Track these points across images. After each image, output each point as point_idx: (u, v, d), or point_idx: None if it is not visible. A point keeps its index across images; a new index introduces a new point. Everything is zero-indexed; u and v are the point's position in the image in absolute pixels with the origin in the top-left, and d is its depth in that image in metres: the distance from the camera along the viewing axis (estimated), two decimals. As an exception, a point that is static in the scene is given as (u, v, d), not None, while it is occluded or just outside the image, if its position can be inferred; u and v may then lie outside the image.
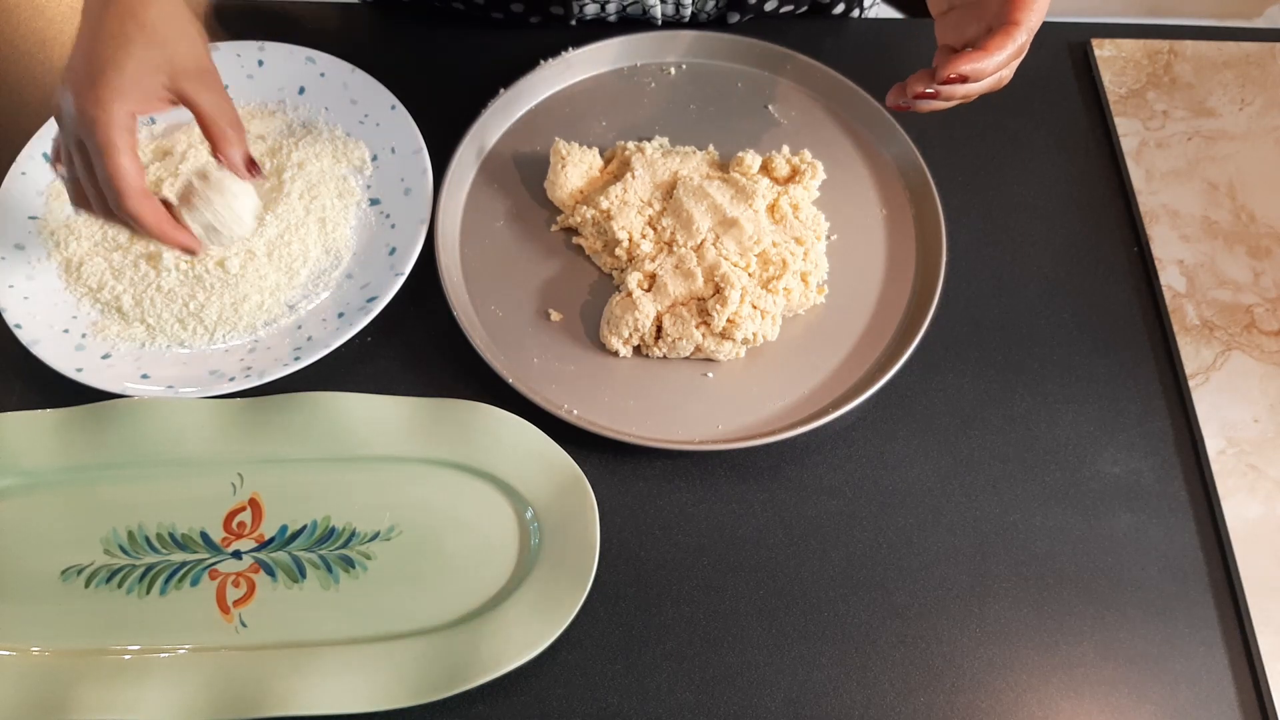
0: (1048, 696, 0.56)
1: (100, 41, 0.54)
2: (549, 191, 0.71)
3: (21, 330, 0.62)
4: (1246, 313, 0.68)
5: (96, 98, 0.52)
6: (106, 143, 0.53)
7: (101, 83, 0.53)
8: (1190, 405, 0.64)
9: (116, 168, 0.53)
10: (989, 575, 0.59)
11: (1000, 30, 0.53)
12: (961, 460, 0.63)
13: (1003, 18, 0.53)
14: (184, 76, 0.56)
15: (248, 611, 0.56)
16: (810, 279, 0.67)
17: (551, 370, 0.64)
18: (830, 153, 0.73)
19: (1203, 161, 0.75)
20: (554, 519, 0.58)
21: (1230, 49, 0.80)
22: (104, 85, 0.53)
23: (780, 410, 0.63)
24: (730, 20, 0.80)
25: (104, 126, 0.52)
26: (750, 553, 0.60)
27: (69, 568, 0.57)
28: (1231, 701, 0.56)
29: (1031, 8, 0.53)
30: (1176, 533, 0.61)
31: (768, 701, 0.55)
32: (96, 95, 0.52)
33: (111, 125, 0.53)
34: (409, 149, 0.71)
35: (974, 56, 0.53)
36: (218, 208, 0.57)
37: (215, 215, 0.58)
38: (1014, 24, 0.53)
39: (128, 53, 0.53)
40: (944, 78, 0.54)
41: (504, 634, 0.55)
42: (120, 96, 0.53)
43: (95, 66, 0.53)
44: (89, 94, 0.53)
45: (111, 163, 0.53)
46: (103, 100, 0.52)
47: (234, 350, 0.64)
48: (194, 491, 0.59)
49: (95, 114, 0.52)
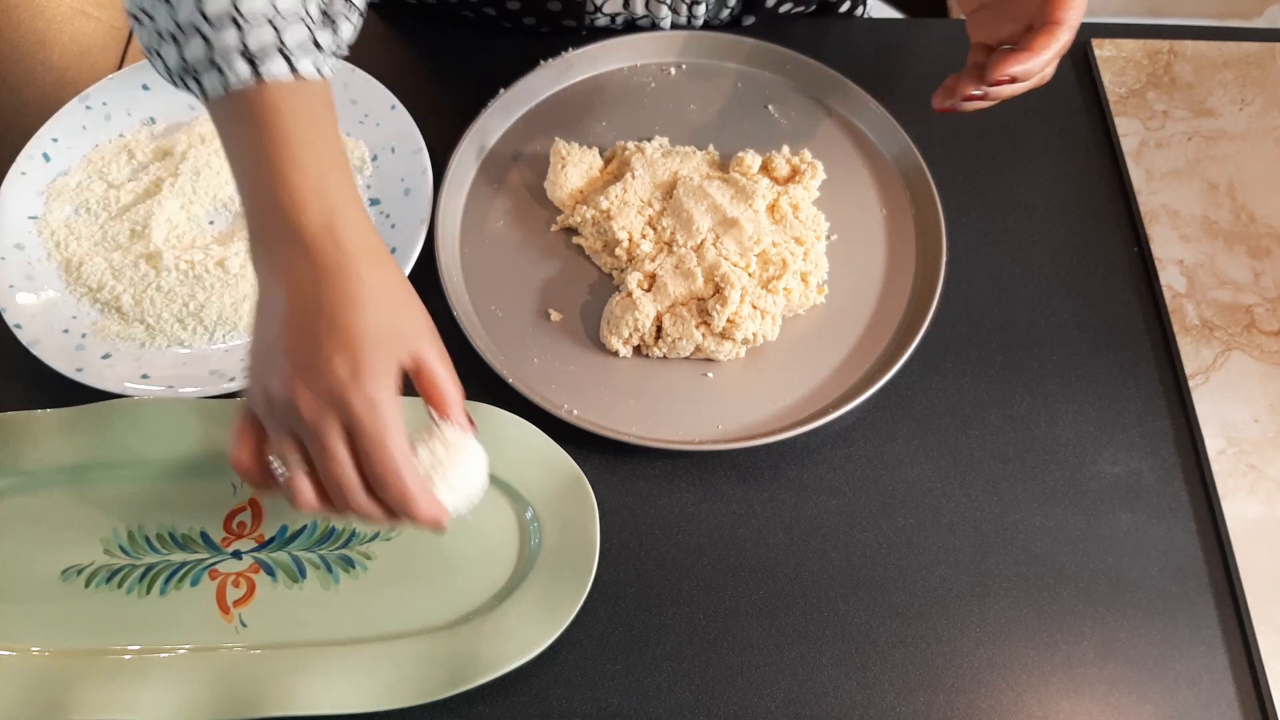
0: (1048, 696, 0.56)
1: (323, 315, 0.45)
2: (549, 191, 0.71)
3: (21, 330, 0.62)
4: (1246, 313, 0.68)
5: (356, 385, 0.45)
6: (382, 430, 0.45)
7: (357, 366, 0.45)
8: (1190, 405, 0.64)
9: (397, 457, 0.46)
10: (989, 575, 0.59)
11: (1043, 30, 0.53)
12: (961, 460, 0.63)
13: (1044, 16, 0.53)
14: (420, 339, 0.49)
15: (248, 611, 0.56)
16: (810, 279, 0.67)
17: (551, 370, 0.64)
18: (830, 153, 0.73)
19: (1203, 161, 0.75)
20: (554, 519, 0.58)
21: (1230, 49, 0.80)
22: (362, 368, 0.45)
23: (780, 410, 0.63)
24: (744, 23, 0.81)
25: (376, 414, 0.45)
26: (750, 553, 0.60)
27: (69, 568, 0.57)
28: (1231, 701, 0.56)
29: (1073, 5, 0.53)
30: (1176, 533, 0.61)
31: (768, 701, 0.55)
32: (357, 382, 0.45)
33: (384, 411, 0.45)
34: (409, 149, 0.71)
35: (1022, 57, 0.53)
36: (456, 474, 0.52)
37: (456, 480, 0.52)
38: (1057, 23, 0.53)
39: (365, 322, 0.46)
40: (994, 79, 0.54)
41: (504, 634, 0.55)
42: (381, 381, 0.45)
43: (332, 345, 0.45)
44: (331, 379, 0.45)
45: (390, 453, 0.46)
46: (363, 386, 0.45)
47: (234, 350, 0.64)
48: (194, 491, 0.59)
49: (354, 402, 0.45)
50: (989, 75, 0.54)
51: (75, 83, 0.76)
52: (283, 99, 0.47)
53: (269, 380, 0.46)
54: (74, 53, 0.80)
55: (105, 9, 0.83)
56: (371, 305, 0.46)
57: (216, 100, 0.47)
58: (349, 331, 0.45)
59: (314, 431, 0.45)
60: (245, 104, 0.47)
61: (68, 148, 0.71)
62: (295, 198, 0.46)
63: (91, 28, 0.82)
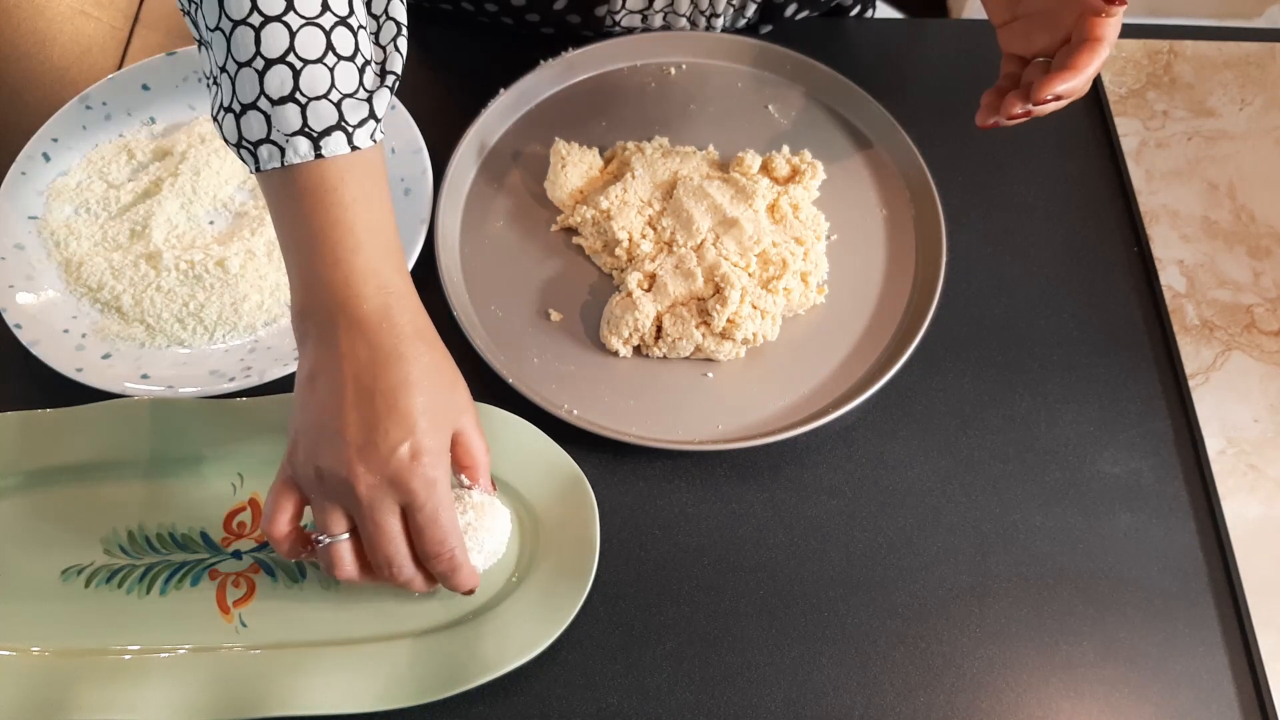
0: (1048, 696, 0.56)
1: (380, 397, 0.47)
2: (549, 191, 0.71)
3: (21, 330, 0.62)
4: (1246, 313, 0.68)
5: (416, 466, 0.46)
6: (438, 508, 0.48)
7: (417, 449, 0.47)
8: (1190, 405, 0.64)
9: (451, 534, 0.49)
10: (989, 575, 0.59)
11: (1084, 47, 0.53)
12: (961, 460, 0.63)
13: (1084, 33, 0.54)
14: (463, 415, 0.51)
15: (248, 611, 0.56)
16: (810, 279, 0.67)
17: (551, 370, 0.64)
18: (830, 153, 0.73)
19: (1203, 161, 0.75)
20: (554, 519, 0.58)
21: (1230, 49, 0.80)
22: (421, 451, 0.47)
23: (780, 410, 0.63)
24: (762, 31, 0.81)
25: (433, 494, 0.47)
26: (750, 553, 0.60)
27: (69, 568, 0.57)
28: (1231, 701, 0.56)
29: (1112, 22, 0.53)
30: (1176, 533, 0.61)
31: (768, 701, 0.55)
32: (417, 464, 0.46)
33: (440, 490, 0.48)
34: (409, 149, 0.71)
35: (1066, 76, 0.54)
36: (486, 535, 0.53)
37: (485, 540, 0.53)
38: (1097, 40, 0.53)
39: (421, 405, 0.47)
40: (1041, 99, 0.54)
41: (504, 634, 0.55)
42: (437, 461, 0.48)
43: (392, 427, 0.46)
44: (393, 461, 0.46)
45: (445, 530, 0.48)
46: (423, 467, 0.47)
47: (234, 350, 0.64)
48: (194, 491, 0.59)
49: (414, 483, 0.47)
50: (1036, 95, 0.54)
51: (75, 83, 0.76)
52: (340, 176, 0.47)
53: (321, 457, 0.47)
54: (74, 53, 0.80)
55: (105, 9, 0.83)
56: (427, 387, 0.48)
57: (270, 171, 0.47)
58: (408, 414, 0.47)
59: (369, 509, 0.47)
60: (301, 179, 0.46)
61: (68, 148, 0.71)
62: (352, 280, 0.47)
63: (91, 28, 0.82)
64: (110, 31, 0.81)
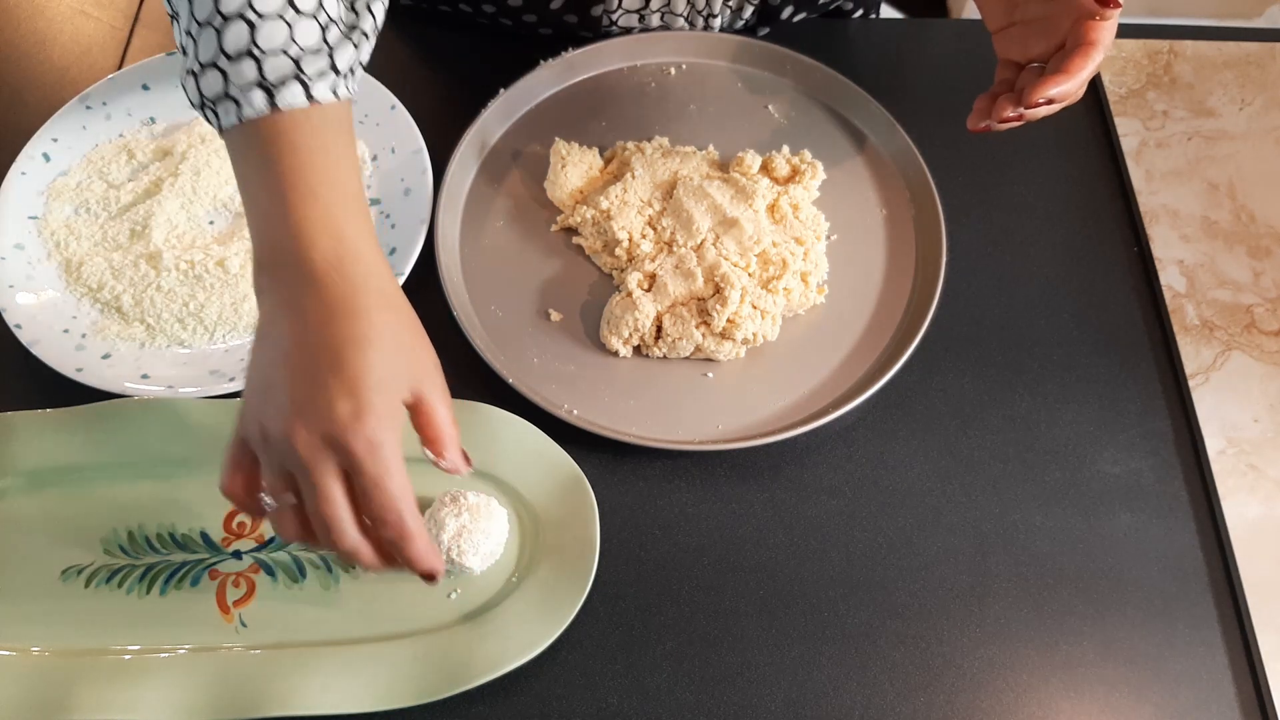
0: (1048, 696, 0.56)
1: (328, 353, 0.44)
2: (549, 191, 0.71)
3: (21, 330, 0.62)
4: (1246, 313, 0.68)
5: (358, 427, 0.43)
6: (382, 472, 0.44)
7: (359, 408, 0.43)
8: (1190, 405, 0.64)
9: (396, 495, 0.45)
10: (989, 575, 0.59)
11: (1078, 51, 0.53)
12: (961, 460, 0.63)
13: (1079, 38, 0.53)
14: (424, 377, 0.47)
15: (248, 611, 0.56)
16: (810, 279, 0.67)
17: (551, 370, 0.64)
18: (830, 153, 0.73)
19: (1203, 161, 0.75)
20: (554, 519, 0.58)
21: (1230, 49, 0.80)
22: (364, 410, 0.43)
23: (780, 410, 0.63)
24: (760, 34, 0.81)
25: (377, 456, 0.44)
26: (750, 553, 0.60)
27: (69, 568, 0.57)
28: (1231, 701, 0.56)
29: (1108, 27, 0.53)
30: (1176, 533, 0.61)
31: (768, 701, 0.55)
32: (359, 424, 0.43)
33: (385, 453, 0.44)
34: (409, 149, 0.71)
35: (1059, 80, 0.53)
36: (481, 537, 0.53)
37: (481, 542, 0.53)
38: (1092, 44, 0.53)
39: (371, 363, 0.44)
40: (1033, 102, 0.54)
41: (504, 634, 0.55)
42: (383, 424, 0.44)
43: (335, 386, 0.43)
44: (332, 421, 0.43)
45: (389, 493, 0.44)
46: (365, 428, 0.43)
47: (234, 350, 0.64)
48: (194, 491, 0.59)
49: (355, 444, 0.43)
50: (1028, 98, 0.54)
51: (75, 83, 0.76)
52: (297, 127, 0.46)
53: (266, 416, 0.45)
54: (74, 53, 0.80)
55: (105, 9, 0.83)
56: (378, 345, 0.45)
57: (231, 129, 0.46)
58: (354, 372, 0.44)
59: (308, 470, 0.44)
60: (259, 132, 0.46)
61: (68, 148, 0.71)
62: (305, 229, 0.45)
63: (91, 28, 0.82)
64: (110, 31, 0.81)
